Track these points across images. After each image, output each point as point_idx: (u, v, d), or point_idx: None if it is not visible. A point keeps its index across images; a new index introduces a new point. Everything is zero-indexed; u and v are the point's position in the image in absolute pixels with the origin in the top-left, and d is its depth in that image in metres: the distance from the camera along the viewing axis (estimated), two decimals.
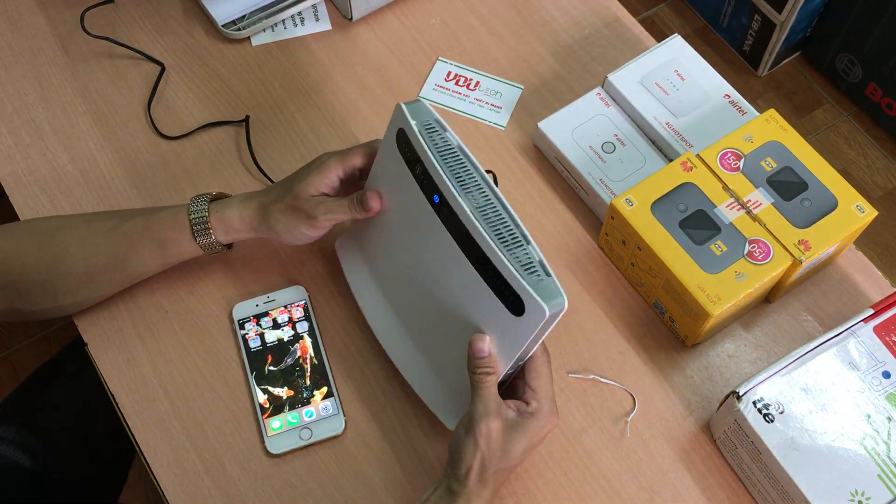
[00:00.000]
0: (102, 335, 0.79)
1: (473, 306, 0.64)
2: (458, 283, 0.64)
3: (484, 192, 0.62)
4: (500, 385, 0.67)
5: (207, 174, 0.87)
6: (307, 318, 0.78)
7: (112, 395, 0.76)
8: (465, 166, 0.63)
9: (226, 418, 0.75)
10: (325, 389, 0.75)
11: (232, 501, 0.72)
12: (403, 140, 0.66)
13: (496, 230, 0.60)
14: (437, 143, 0.64)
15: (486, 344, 0.64)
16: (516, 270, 0.58)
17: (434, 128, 0.65)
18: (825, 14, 1.73)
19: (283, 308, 0.78)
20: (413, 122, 0.64)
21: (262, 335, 0.77)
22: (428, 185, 0.64)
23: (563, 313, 0.59)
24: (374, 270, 0.77)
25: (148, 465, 0.74)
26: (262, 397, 0.75)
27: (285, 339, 0.77)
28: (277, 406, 0.74)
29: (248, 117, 0.89)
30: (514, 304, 0.59)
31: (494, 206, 0.62)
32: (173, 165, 0.87)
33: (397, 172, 0.67)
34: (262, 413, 0.74)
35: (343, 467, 0.73)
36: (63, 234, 0.73)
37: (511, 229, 0.61)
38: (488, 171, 0.86)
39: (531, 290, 0.57)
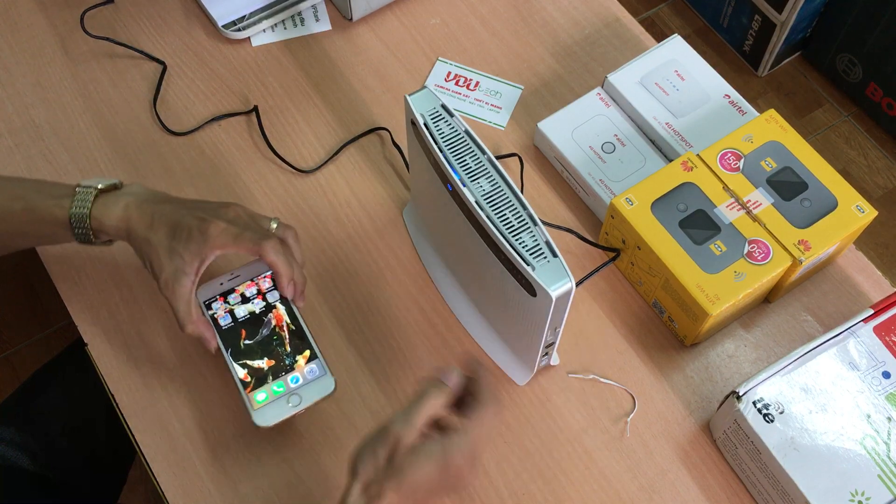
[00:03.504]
0: (102, 335, 0.79)
1: (501, 283, 0.66)
2: (485, 262, 0.67)
3: (491, 177, 0.64)
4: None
5: (208, 173, 0.87)
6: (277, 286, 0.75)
7: (112, 395, 0.76)
8: (473, 152, 0.65)
9: (226, 419, 0.75)
10: (307, 353, 0.71)
11: (232, 502, 0.72)
12: (415, 130, 0.68)
13: (502, 216, 0.62)
14: (442, 132, 0.66)
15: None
16: (521, 258, 0.60)
17: (440, 115, 0.67)
18: (825, 14, 1.73)
19: (249, 282, 0.74)
20: (418, 114, 0.67)
21: (231, 311, 0.73)
22: (440, 173, 0.67)
23: (572, 293, 0.61)
24: (433, 240, 0.81)
25: (148, 465, 0.74)
26: (241, 372, 0.71)
27: (257, 312, 0.73)
28: (259, 378, 0.71)
29: (256, 107, 0.90)
30: (527, 287, 0.62)
31: (502, 191, 0.63)
32: (174, 165, 0.87)
33: (420, 159, 0.71)
34: (245, 388, 0.70)
35: (343, 469, 0.73)
36: None
37: (518, 212, 0.62)
38: (513, 154, 0.87)
39: (536, 277, 0.60)
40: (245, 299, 0.74)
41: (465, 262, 0.74)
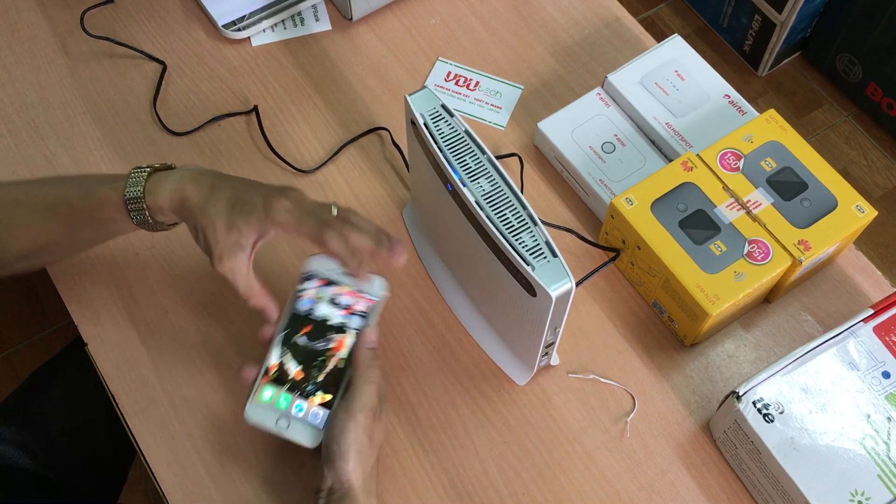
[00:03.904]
0: (102, 335, 0.79)
1: (502, 283, 0.66)
2: (485, 262, 0.67)
3: (491, 177, 0.64)
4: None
5: None
6: (365, 317, 0.70)
7: (112, 396, 0.76)
8: (472, 152, 0.65)
9: (226, 419, 0.75)
10: (328, 397, 0.67)
11: (232, 501, 0.72)
12: (416, 130, 0.68)
13: (502, 216, 0.62)
14: (442, 132, 0.66)
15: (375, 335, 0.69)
16: (521, 258, 0.60)
17: (440, 115, 0.67)
18: (825, 14, 1.73)
19: (356, 291, 0.70)
20: (418, 114, 0.67)
21: (316, 301, 0.69)
22: (440, 173, 0.67)
23: (572, 293, 0.61)
24: (433, 240, 0.81)
25: (148, 465, 0.74)
26: (274, 359, 0.67)
27: (331, 323, 0.69)
28: (279, 379, 0.67)
29: (256, 107, 0.90)
30: (527, 287, 0.62)
31: (501, 191, 0.64)
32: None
33: (420, 158, 0.71)
34: (263, 375, 0.67)
35: None
36: (4, 211, 0.70)
37: (518, 212, 0.63)
38: (513, 154, 0.87)
39: (535, 277, 0.60)
40: (334, 303, 0.69)
41: (465, 262, 0.74)
